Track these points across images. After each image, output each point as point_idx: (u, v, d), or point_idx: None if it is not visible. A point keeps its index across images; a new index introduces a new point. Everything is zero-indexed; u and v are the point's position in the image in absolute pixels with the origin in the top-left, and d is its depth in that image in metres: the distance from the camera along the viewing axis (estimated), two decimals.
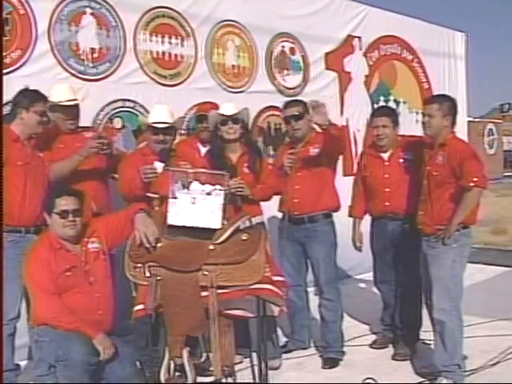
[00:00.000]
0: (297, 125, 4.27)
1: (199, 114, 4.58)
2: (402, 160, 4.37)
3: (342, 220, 4.52)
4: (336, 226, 4.39)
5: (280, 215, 4.50)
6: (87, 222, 3.43)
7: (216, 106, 4.40)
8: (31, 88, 3.88)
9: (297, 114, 4.25)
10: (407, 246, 4.26)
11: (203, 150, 4.39)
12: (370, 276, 4.95)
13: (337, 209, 4.41)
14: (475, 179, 3.61)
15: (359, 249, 4.64)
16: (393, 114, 4.51)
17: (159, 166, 3.89)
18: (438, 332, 3.79)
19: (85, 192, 3.56)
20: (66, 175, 3.88)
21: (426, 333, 4.29)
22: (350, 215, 4.66)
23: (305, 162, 4.27)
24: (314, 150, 4.28)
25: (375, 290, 4.78)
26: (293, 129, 4.32)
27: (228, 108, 4.13)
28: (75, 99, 4.10)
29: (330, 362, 4.26)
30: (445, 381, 3.74)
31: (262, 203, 4.23)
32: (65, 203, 3.27)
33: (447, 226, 3.70)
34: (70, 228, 3.27)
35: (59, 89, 4.11)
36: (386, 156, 4.44)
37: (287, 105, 4.39)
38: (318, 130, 4.25)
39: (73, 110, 4.11)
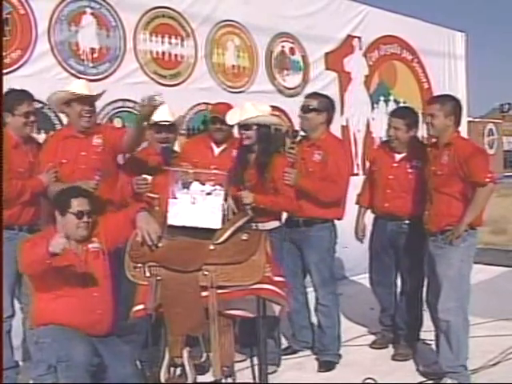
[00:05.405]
0: (303, 117, 4.20)
1: (213, 115, 4.52)
2: (409, 167, 4.30)
3: (341, 222, 4.48)
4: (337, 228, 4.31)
5: None
6: (94, 223, 3.44)
7: (229, 107, 4.36)
8: (18, 88, 3.78)
9: (306, 106, 4.18)
10: (407, 246, 4.26)
11: (217, 150, 4.39)
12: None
13: (339, 218, 4.29)
14: (489, 175, 3.59)
15: (361, 240, 4.65)
16: (408, 117, 4.37)
17: (149, 178, 3.91)
18: (443, 332, 3.76)
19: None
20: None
21: (427, 333, 4.29)
22: (357, 203, 4.66)
23: (306, 164, 4.18)
24: (317, 156, 4.17)
25: None
26: (300, 121, 4.26)
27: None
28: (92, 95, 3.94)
29: (326, 365, 4.21)
30: (450, 381, 3.73)
31: None
32: (81, 204, 3.32)
33: (456, 225, 3.65)
34: (83, 229, 3.32)
35: (77, 84, 4.01)
36: (397, 157, 4.38)
37: (306, 97, 4.34)
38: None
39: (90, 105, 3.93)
